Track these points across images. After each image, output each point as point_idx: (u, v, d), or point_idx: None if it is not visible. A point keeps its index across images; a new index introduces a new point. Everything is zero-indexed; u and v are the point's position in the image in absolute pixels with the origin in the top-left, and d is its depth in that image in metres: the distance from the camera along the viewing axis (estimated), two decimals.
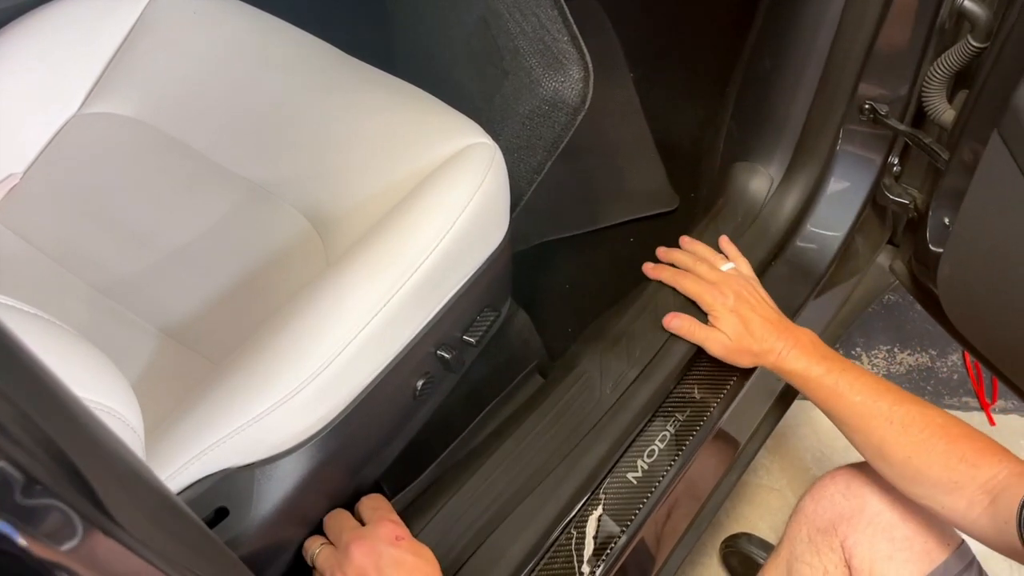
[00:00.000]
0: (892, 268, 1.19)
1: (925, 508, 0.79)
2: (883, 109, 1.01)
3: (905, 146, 1.08)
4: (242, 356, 0.71)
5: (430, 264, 0.75)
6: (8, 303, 0.49)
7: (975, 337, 1.01)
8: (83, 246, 0.87)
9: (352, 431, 0.73)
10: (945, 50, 0.94)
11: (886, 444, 0.79)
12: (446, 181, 0.79)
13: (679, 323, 0.95)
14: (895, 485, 0.80)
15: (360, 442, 0.78)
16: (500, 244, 0.86)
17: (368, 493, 0.80)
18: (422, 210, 0.77)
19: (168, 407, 0.73)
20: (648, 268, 1.02)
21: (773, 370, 0.91)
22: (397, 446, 0.86)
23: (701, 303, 0.95)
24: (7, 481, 0.29)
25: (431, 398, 0.88)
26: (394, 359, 0.76)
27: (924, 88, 0.99)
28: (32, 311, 0.49)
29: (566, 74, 0.83)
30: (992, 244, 0.90)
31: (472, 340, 0.88)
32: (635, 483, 0.88)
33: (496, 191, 0.81)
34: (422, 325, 0.78)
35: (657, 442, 0.91)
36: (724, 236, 1.05)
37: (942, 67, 0.95)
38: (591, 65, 0.84)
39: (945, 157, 0.96)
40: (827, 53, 1.00)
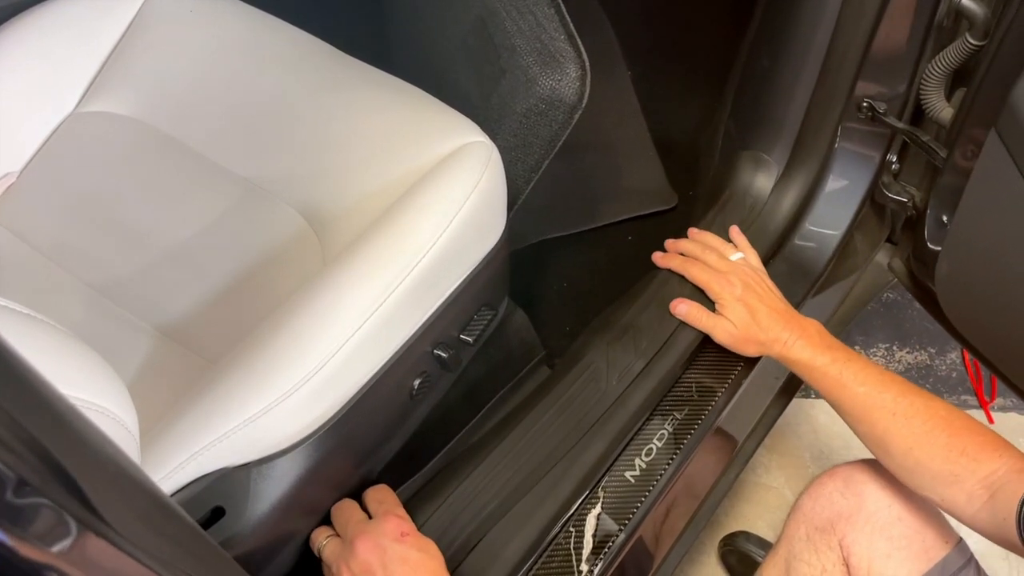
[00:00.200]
0: (891, 266, 1.18)
1: (926, 499, 0.79)
2: (881, 107, 1.01)
3: (903, 144, 1.08)
4: (239, 355, 0.71)
5: (427, 263, 0.75)
6: (2, 303, 0.48)
7: (973, 335, 1.01)
8: (79, 245, 0.86)
9: (348, 431, 0.73)
10: (943, 48, 0.94)
11: (888, 435, 0.79)
12: (443, 180, 0.78)
13: (686, 308, 0.95)
14: (896, 476, 0.81)
15: (356, 442, 0.78)
16: (497, 243, 0.86)
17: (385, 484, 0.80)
18: (419, 209, 0.77)
19: (164, 407, 0.73)
20: (657, 257, 1.02)
21: (779, 359, 0.91)
22: (394, 445, 0.86)
23: (709, 292, 0.96)
24: None
25: (428, 397, 0.88)
26: (391, 358, 0.76)
27: (922, 86, 0.99)
28: (26, 311, 0.49)
29: (563, 72, 0.83)
30: (990, 242, 0.90)
31: (469, 339, 0.87)
32: (633, 482, 0.88)
33: (493, 190, 0.81)
34: (419, 324, 0.78)
35: (655, 440, 0.91)
36: (734, 227, 1.05)
37: (940, 65, 0.94)
38: (588, 63, 0.84)
39: (943, 155, 0.96)
40: (825, 51, 1.00)
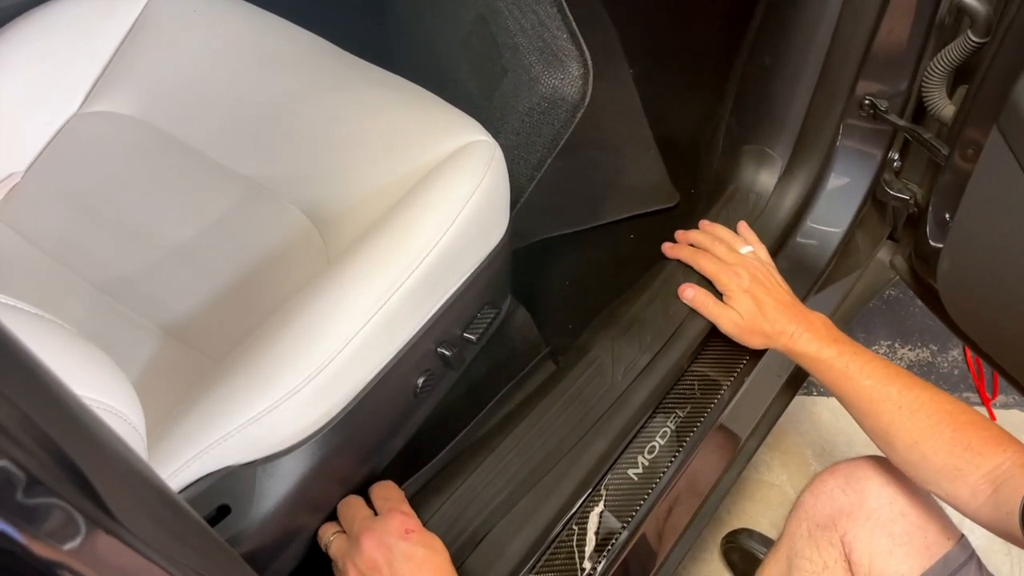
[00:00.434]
0: (892, 263, 1.18)
1: (929, 493, 0.79)
2: (883, 104, 1.01)
3: (905, 141, 1.08)
4: (243, 354, 0.71)
5: (430, 262, 0.75)
6: (9, 303, 0.49)
7: (975, 332, 1.01)
8: (84, 245, 0.87)
9: (353, 429, 0.74)
10: (945, 45, 0.94)
11: (894, 428, 0.79)
12: (446, 179, 0.79)
13: (692, 293, 0.96)
14: (900, 470, 0.81)
15: (361, 439, 0.78)
16: (500, 241, 0.86)
17: (390, 480, 0.80)
18: (422, 208, 0.77)
19: (169, 405, 0.73)
20: (667, 247, 1.03)
21: (784, 352, 0.91)
22: (397, 443, 0.87)
23: (717, 283, 0.96)
24: (9, 481, 0.29)
25: (431, 396, 0.89)
26: (395, 357, 0.76)
27: (924, 83, 0.99)
28: (33, 310, 0.49)
29: (565, 71, 0.83)
30: (992, 239, 0.90)
31: (472, 337, 0.88)
32: (636, 479, 0.88)
33: (496, 188, 0.82)
34: (422, 323, 0.78)
35: (658, 438, 0.92)
36: (743, 222, 1.06)
37: (942, 62, 0.94)
38: (590, 62, 0.84)
39: (945, 152, 0.96)
40: (827, 48, 1.00)
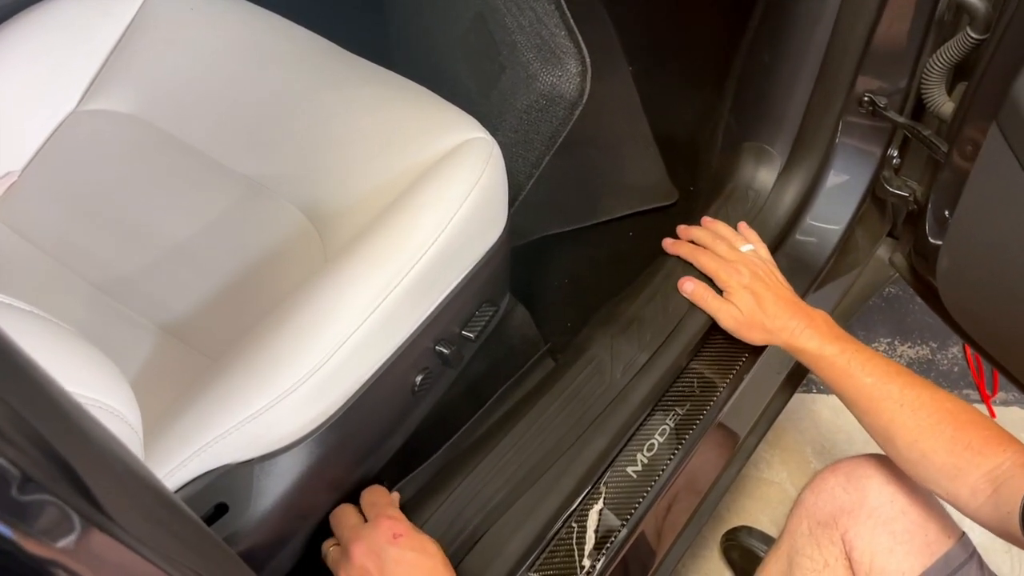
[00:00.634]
0: (892, 261, 1.18)
1: (929, 492, 0.79)
2: (882, 101, 1.01)
3: (904, 139, 1.08)
4: (241, 352, 0.71)
5: (428, 259, 0.75)
6: (6, 301, 0.49)
7: (974, 329, 1.01)
8: (81, 243, 0.87)
9: (351, 427, 0.74)
10: (944, 42, 0.94)
11: (894, 426, 0.79)
12: (444, 176, 0.79)
13: (692, 287, 0.96)
14: (900, 467, 0.81)
15: (359, 438, 0.78)
16: (498, 239, 0.86)
17: (379, 485, 0.80)
18: (420, 205, 0.77)
19: (167, 404, 0.73)
20: (668, 243, 1.03)
21: (785, 348, 0.91)
22: (396, 442, 0.87)
23: (716, 280, 0.96)
24: (3, 477, 0.29)
25: (430, 393, 0.88)
26: (393, 354, 0.76)
27: (923, 80, 0.98)
28: (29, 309, 0.49)
29: (563, 68, 0.83)
30: (991, 236, 0.90)
31: (471, 335, 0.88)
32: (635, 477, 0.88)
33: (494, 186, 0.81)
34: (420, 320, 0.78)
35: (657, 436, 0.92)
36: (743, 223, 1.06)
37: (941, 59, 0.94)
38: (588, 59, 0.84)
39: (944, 149, 0.96)
40: (826, 45, 1.00)
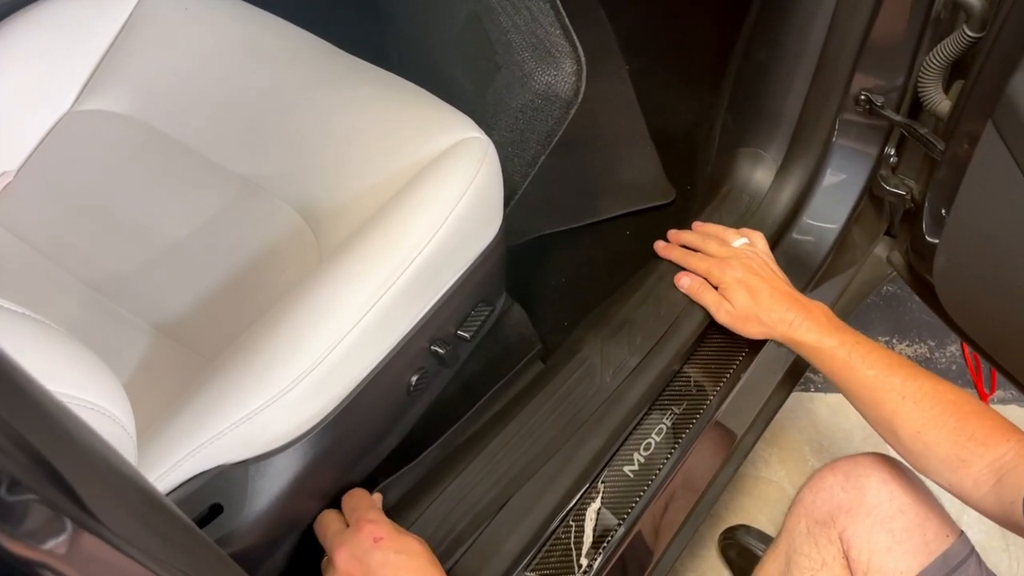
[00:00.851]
0: (889, 259, 1.18)
1: (931, 484, 0.79)
2: (879, 100, 1.01)
3: (901, 137, 1.08)
4: (236, 352, 0.71)
5: (424, 259, 0.75)
6: None
7: (971, 327, 1.01)
8: (76, 243, 0.86)
9: (346, 427, 0.73)
10: (941, 40, 0.94)
11: (897, 418, 0.79)
12: (439, 176, 0.78)
13: (688, 281, 0.96)
14: (903, 459, 0.81)
15: (354, 438, 0.78)
16: (494, 238, 0.86)
17: (362, 487, 0.80)
18: (415, 205, 0.77)
19: (161, 404, 0.73)
20: (659, 247, 1.02)
21: (784, 341, 0.91)
22: (392, 442, 0.86)
23: (710, 278, 0.96)
24: None
25: (425, 393, 0.88)
26: (388, 354, 0.76)
27: (920, 78, 0.98)
28: (20, 310, 0.49)
29: (559, 67, 0.83)
30: (987, 234, 0.89)
31: (467, 335, 0.88)
32: (632, 476, 0.88)
33: (489, 185, 0.81)
34: (416, 320, 0.78)
35: (654, 435, 0.91)
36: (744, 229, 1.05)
37: (937, 57, 0.94)
38: (584, 58, 0.83)
39: (941, 148, 0.96)
40: (822, 43, 1.00)
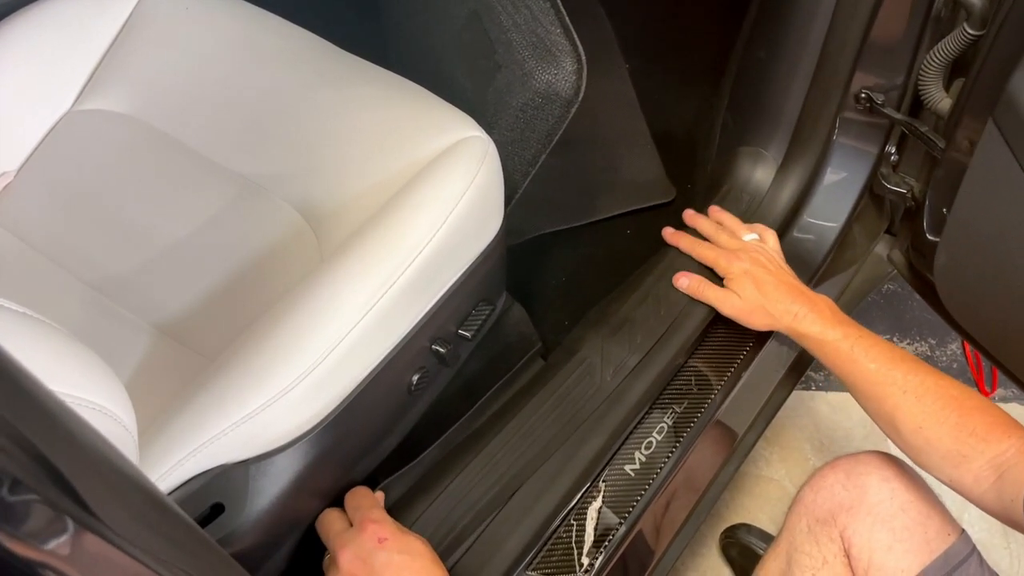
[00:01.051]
0: (890, 257, 1.18)
1: (932, 480, 0.79)
2: (879, 98, 1.01)
3: (902, 135, 1.08)
4: (237, 352, 0.71)
5: (424, 258, 0.75)
6: None
7: (972, 326, 1.01)
8: (77, 243, 0.86)
9: (347, 426, 0.73)
10: (941, 38, 0.94)
11: (899, 412, 0.79)
12: (440, 175, 0.78)
13: (688, 282, 0.96)
14: (904, 454, 0.81)
15: (355, 437, 0.78)
16: (495, 238, 0.86)
17: (363, 486, 0.80)
18: (416, 204, 0.77)
19: (162, 404, 0.73)
20: (668, 233, 1.02)
21: (788, 333, 0.91)
22: (393, 441, 0.86)
23: (716, 268, 0.96)
24: None
25: (426, 393, 0.88)
26: (389, 354, 0.76)
27: (920, 76, 0.98)
28: (22, 310, 0.49)
29: (559, 66, 0.83)
30: (988, 232, 0.89)
31: (468, 334, 0.88)
32: (633, 475, 0.88)
33: (490, 184, 0.81)
34: (417, 319, 0.78)
35: (655, 434, 0.92)
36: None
37: (938, 55, 0.94)
38: (584, 57, 0.83)
39: (941, 146, 0.95)
40: (822, 42, 1.00)
